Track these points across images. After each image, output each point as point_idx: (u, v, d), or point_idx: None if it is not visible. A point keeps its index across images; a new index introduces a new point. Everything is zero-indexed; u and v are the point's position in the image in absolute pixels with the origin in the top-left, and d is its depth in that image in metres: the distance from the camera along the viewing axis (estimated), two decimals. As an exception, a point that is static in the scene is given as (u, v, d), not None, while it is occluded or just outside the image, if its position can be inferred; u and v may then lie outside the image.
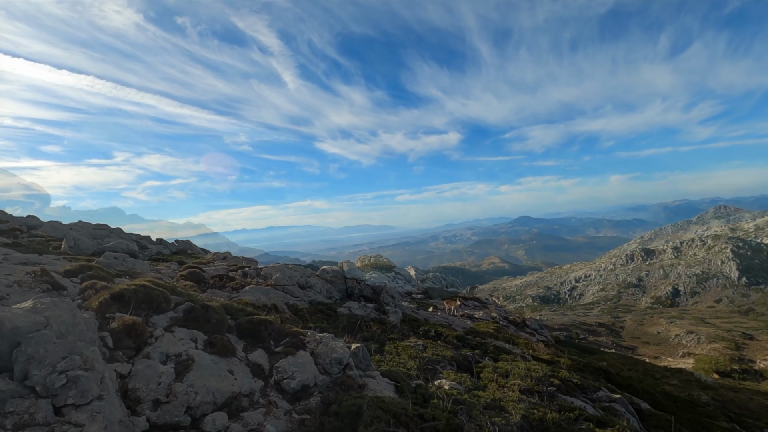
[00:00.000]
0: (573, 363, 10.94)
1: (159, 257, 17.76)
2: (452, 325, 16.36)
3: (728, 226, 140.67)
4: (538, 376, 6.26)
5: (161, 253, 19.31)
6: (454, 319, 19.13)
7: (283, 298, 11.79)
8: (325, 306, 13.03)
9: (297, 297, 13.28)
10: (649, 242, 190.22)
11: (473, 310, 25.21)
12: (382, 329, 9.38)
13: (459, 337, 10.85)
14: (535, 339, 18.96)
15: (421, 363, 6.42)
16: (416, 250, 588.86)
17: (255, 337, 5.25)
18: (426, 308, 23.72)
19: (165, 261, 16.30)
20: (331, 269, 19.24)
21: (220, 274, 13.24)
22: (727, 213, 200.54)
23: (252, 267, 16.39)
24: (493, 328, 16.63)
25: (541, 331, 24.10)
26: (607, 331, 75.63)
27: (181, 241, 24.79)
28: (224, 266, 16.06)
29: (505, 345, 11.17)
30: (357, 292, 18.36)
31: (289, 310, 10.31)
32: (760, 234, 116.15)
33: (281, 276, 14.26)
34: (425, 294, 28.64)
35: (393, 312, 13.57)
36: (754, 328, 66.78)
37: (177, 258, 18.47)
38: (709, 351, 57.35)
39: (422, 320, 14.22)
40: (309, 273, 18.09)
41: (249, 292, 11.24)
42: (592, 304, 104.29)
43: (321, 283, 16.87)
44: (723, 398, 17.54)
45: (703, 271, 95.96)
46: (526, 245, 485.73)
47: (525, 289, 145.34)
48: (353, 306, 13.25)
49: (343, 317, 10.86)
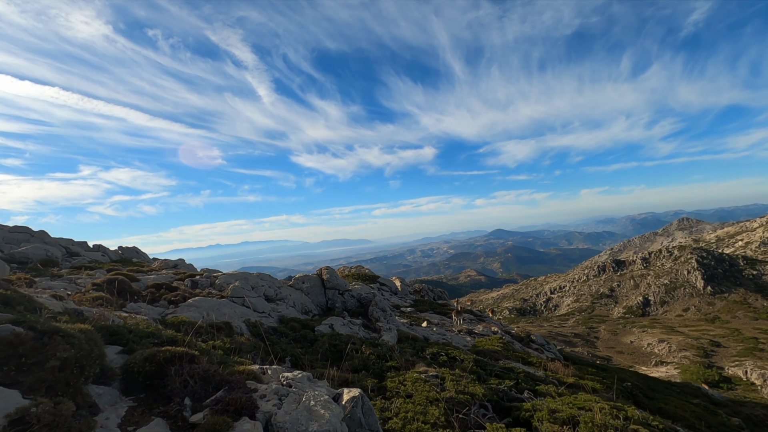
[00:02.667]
0: (601, 386, 9.05)
1: (91, 265, 14.51)
2: (452, 342, 14.01)
3: (691, 238, 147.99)
4: (618, 425, 4.18)
5: (97, 261, 16.00)
6: (453, 336, 16.59)
7: (241, 315, 9.05)
8: (299, 324, 10.22)
9: (262, 312, 10.50)
10: (618, 253, 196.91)
11: (470, 324, 22.84)
12: (376, 355, 6.93)
13: (478, 361, 8.35)
14: (546, 356, 16.69)
15: (446, 409, 4.23)
16: (394, 264, 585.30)
17: (157, 390, 2.82)
18: (419, 323, 20.70)
19: (91, 269, 13.28)
20: (308, 277, 16.49)
21: (159, 284, 10.24)
22: (689, 225, 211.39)
23: (205, 275, 13.45)
24: (499, 345, 14.35)
25: (548, 346, 21.63)
26: (583, 342, 75.78)
27: (126, 248, 21.54)
28: (170, 275, 13.14)
29: (529, 369, 8.96)
30: (340, 305, 15.48)
31: (249, 330, 7.79)
32: (720, 244, 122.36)
33: (241, 286, 11.39)
34: (415, 307, 25.58)
35: (386, 329, 11.06)
36: (720, 335, 68.67)
37: (113, 266, 15.39)
38: (681, 359, 58.13)
39: (422, 339, 11.61)
40: (280, 283, 15.39)
41: (193, 306, 8.37)
42: (567, 315, 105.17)
43: (295, 295, 14.02)
44: (744, 416, 16.09)
45: (671, 281, 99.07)
46: (501, 258, 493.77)
47: (502, 302, 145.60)
48: (336, 323, 10.60)
49: (323, 339, 8.34)
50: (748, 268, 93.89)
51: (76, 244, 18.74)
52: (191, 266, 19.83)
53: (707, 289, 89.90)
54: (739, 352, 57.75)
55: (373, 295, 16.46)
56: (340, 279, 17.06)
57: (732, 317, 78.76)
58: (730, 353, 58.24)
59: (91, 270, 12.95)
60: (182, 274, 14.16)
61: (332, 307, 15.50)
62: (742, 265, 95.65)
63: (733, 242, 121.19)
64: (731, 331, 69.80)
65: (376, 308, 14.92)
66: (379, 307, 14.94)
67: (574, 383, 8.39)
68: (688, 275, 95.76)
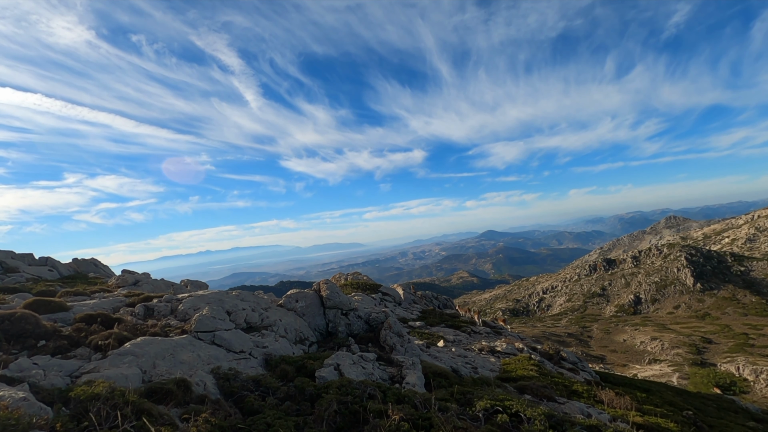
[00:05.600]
0: (675, 425, 7.69)
1: (14, 287, 11.69)
2: (474, 364, 11.94)
3: (679, 235, 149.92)
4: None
5: (39, 279, 13.92)
6: (476, 357, 14.21)
7: (208, 360, 6.64)
8: (293, 366, 7.56)
9: (240, 353, 7.85)
10: (608, 252, 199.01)
11: (488, 338, 20.20)
12: (411, 421, 4.76)
13: (551, 417, 5.85)
14: (582, 378, 14.44)
15: None
16: (386, 267, 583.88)
17: None
18: (433, 340, 17.37)
19: (11, 292, 10.69)
20: (302, 294, 13.33)
21: (93, 315, 7.77)
22: (677, 223, 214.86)
23: (165, 298, 10.66)
24: (531, 368, 12.10)
25: (581, 364, 18.62)
26: (577, 341, 75.59)
27: (81, 261, 19.33)
28: (120, 297, 10.87)
29: (590, 415, 6.98)
30: (343, 328, 12.50)
31: (219, 388, 5.80)
32: (707, 242, 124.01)
33: (212, 314, 8.66)
34: (424, 319, 22.43)
35: (409, 366, 8.51)
36: (711, 332, 69.05)
37: (48, 286, 12.70)
38: (673, 356, 58.11)
39: (452, 374, 8.99)
40: (267, 303, 12.17)
41: (130, 354, 5.99)
42: (560, 314, 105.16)
43: (287, 318, 11.30)
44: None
45: (661, 279, 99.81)
46: (492, 259, 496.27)
47: (494, 303, 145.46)
48: (343, 361, 8.06)
49: (329, 395, 5.96)
50: (736, 265, 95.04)
51: (18, 257, 16.59)
52: (163, 282, 18.05)
53: (697, 286, 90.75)
54: (730, 348, 57.90)
55: (385, 315, 13.06)
56: (343, 296, 13.52)
57: (722, 313, 79.42)
58: (721, 349, 58.38)
59: (10, 294, 10.43)
60: (135, 296, 11.24)
61: (334, 332, 12.35)
62: (730, 262, 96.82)
63: (720, 239, 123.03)
64: (722, 327, 70.24)
65: (390, 332, 11.65)
66: (393, 331, 11.69)
67: (644, 424, 7.15)
68: (678, 273, 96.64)
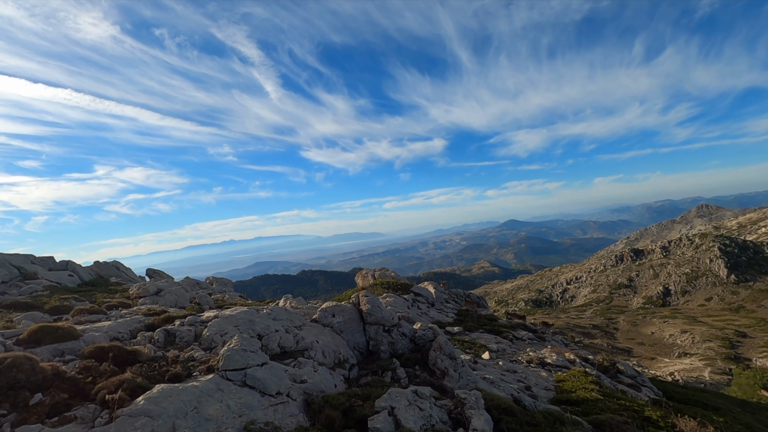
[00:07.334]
0: None
1: (25, 302, 10.36)
2: (527, 382, 11.25)
3: (712, 225, 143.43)
4: None
5: (59, 284, 12.84)
6: (525, 371, 13.04)
7: (239, 411, 5.58)
8: (338, 409, 6.43)
9: (278, 394, 6.64)
10: (635, 242, 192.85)
11: (532, 346, 18.61)
12: None
13: None
14: (645, 396, 13.46)
15: None
16: (406, 257, 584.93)
17: None
18: (477, 351, 15.70)
19: (24, 309, 9.62)
20: (339, 308, 11.84)
21: (104, 349, 6.43)
22: (709, 212, 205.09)
23: (187, 321, 9.41)
24: (591, 386, 10.86)
25: (641, 378, 16.74)
26: (602, 333, 74.78)
27: (103, 264, 17.75)
28: (138, 317, 9.80)
29: None
30: (386, 347, 11.04)
31: None
32: (743, 231, 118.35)
33: (241, 345, 7.22)
34: (461, 324, 20.82)
35: (473, 405, 6.72)
36: (746, 325, 66.84)
37: (64, 299, 11.13)
38: (705, 350, 56.86)
39: (519, 409, 7.52)
40: (301, 320, 11.00)
41: (143, 413, 4.75)
42: (584, 306, 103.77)
43: (324, 338, 10.03)
44: None
45: (693, 270, 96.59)
46: (514, 249, 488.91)
47: (516, 293, 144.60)
48: (398, 402, 6.52)
49: None
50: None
51: (37, 262, 14.89)
52: (187, 283, 14.82)
53: (731, 278, 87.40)
54: (766, 342, 56.14)
55: (433, 333, 11.28)
56: (385, 311, 11.91)
57: (758, 306, 76.46)
58: (757, 344, 56.66)
59: (21, 311, 9.19)
60: (156, 315, 9.97)
61: (375, 351, 11.10)
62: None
63: (756, 229, 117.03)
64: (757, 320, 67.83)
65: (441, 354, 9.73)
66: (444, 352, 9.75)
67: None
68: (711, 264, 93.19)
